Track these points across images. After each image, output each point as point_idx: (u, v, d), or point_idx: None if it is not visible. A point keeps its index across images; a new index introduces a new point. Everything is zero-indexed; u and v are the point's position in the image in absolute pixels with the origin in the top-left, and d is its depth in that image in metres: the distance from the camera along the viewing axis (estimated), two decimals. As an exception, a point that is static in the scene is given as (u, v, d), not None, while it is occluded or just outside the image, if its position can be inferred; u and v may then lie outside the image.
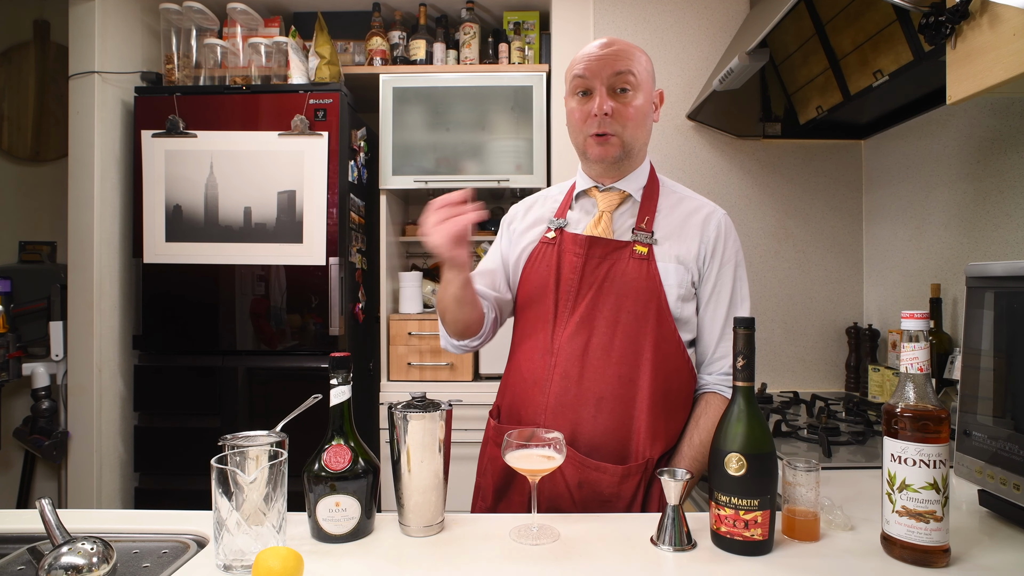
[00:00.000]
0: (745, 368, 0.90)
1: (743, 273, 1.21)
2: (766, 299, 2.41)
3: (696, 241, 1.18)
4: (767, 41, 1.84)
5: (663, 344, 1.13)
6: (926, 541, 0.83)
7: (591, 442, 1.12)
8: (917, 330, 0.85)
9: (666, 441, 1.13)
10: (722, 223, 1.20)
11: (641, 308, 1.13)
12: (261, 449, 0.92)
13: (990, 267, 1.03)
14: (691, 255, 1.16)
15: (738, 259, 1.21)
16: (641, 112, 1.16)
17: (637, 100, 1.15)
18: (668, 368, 1.13)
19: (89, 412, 2.36)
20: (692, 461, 1.13)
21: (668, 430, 1.14)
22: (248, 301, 2.35)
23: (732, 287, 1.18)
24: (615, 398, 1.11)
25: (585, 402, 1.12)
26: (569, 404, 1.12)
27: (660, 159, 2.43)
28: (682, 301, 1.15)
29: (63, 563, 0.78)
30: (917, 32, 1.30)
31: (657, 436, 1.12)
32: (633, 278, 1.14)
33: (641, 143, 1.20)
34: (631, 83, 1.14)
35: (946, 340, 1.77)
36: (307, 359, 2.35)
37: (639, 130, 1.18)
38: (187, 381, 2.35)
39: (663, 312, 1.13)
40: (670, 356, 1.14)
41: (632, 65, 1.14)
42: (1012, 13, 0.99)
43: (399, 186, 2.54)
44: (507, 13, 2.71)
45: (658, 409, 1.12)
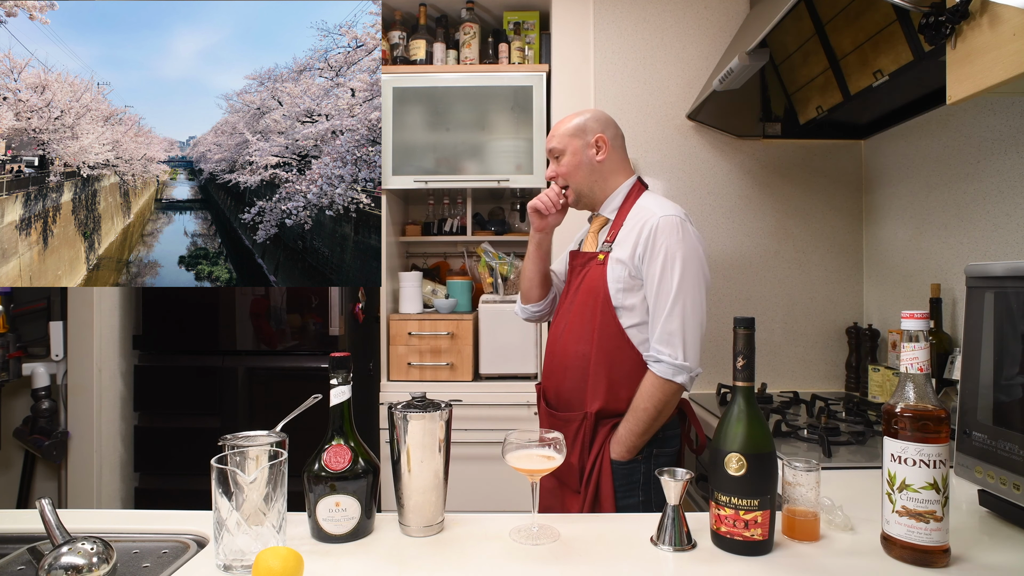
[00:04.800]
0: (745, 368, 0.90)
1: (674, 264, 1.37)
2: (766, 299, 2.41)
3: (633, 242, 1.41)
4: (767, 41, 1.84)
5: (605, 327, 1.43)
6: (926, 541, 0.83)
7: (562, 398, 1.50)
8: (917, 330, 0.85)
9: (605, 401, 1.42)
10: (656, 225, 1.39)
11: (592, 300, 1.45)
12: (261, 449, 0.92)
13: (990, 267, 1.03)
14: (627, 254, 1.41)
15: (668, 253, 1.37)
16: (571, 167, 1.50)
17: (565, 160, 1.51)
18: (610, 347, 1.42)
19: (89, 412, 2.36)
20: (625, 422, 1.40)
21: (609, 393, 1.42)
22: (248, 301, 2.35)
23: (660, 276, 1.37)
24: (575, 368, 1.46)
25: (559, 370, 1.50)
26: (553, 372, 1.53)
27: (660, 159, 2.43)
28: (623, 292, 1.41)
29: (63, 563, 0.78)
30: (917, 32, 1.30)
31: (597, 396, 1.43)
32: (592, 278, 1.46)
33: (589, 185, 1.52)
34: (557, 151, 1.52)
35: (946, 340, 1.77)
36: (307, 359, 2.35)
37: (578, 178, 1.51)
38: (187, 381, 2.34)
39: (607, 303, 1.43)
40: (611, 336, 1.42)
41: (556, 138, 1.52)
42: (1012, 13, 0.99)
43: (399, 186, 2.54)
44: (507, 13, 2.71)
45: (600, 377, 1.42)
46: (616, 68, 2.43)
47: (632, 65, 2.42)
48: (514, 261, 2.66)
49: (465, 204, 2.81)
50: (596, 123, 1.51)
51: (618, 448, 1.40)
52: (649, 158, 2.43)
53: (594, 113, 1.53)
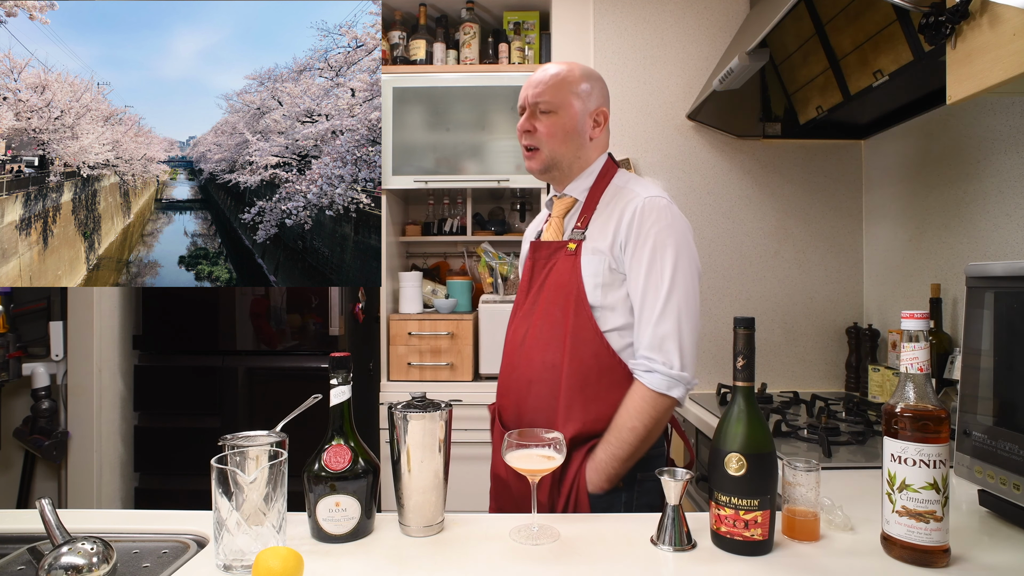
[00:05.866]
0: (745, 368, 0.90)
1: (665, 254, 1.16)
2: (766, 299, 2.41)
3: (613, 229, 1.21)
4: (767, 41, 1.84)
5: (580, 332, 1.19)
6: (926, 541, 0.83)
7: (526, 420, 1.24)
8: (917, 330, 0.85)
9: (583, 423, 1.18)
10: (640, 207, 1.19)
11: (563, 299, 1.21)
12: (261, 449, 0.92)
13: (990, 267, 1.03)
14: (606, 243, 1.20)
15: (657, 240, 1.17)
16: (557, 129, 1.25)
17: (553, 119, 1.25)
18: (585, 354, 1.19)
19: (89, 412, 2.36)
20: (607, 444, 1.16)
21: (586, 412, 1.18)
22: (248, 301, 2.35)
23: (648, 268, 1.16)
24: (542, 382, 1.21)
25: (520, 385, 1.24)
26: (511, 388, 1.27)
27: (660, 159, 2.43)
28: (602, 289, 1.19)
29: (63, 563, 0.78)
30: (917, 32, 1.30)
31: (572, 417, 1.18)
32: (561, 273, 1.23)
33: (570, 157, 1.28)
34: (546, 104, 1.24)
35: (946, 340, 1.77)
36: (307, 359, 2.35)
37: (562, 145, 1.26)
38: (187, 381, 2.34)
39: (581, 302, 1.20)
40: (587, 342, 1.19)
41: (549, 89, 1.24)
42: (1012, 13, 0.99)
43: (399, 186, 2.54)
44: (507, 13, 2.71)
45: (575, 392, 1.18)
46: (616, 68, 2.43)
47: (632, 65, 2.42)
48: (514, 261, 2.66)
49: (465, 204, 2.81)
50: (601, 93, 1.30)
51: (597, 477, 1.15)
52: (649, 158, 2.43)
53: (597, 77, 1.31)
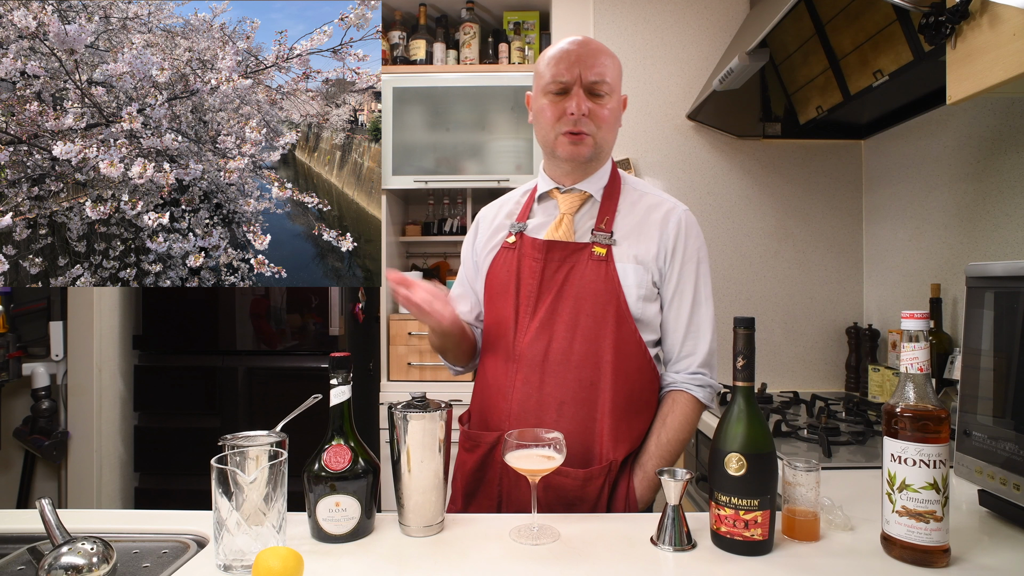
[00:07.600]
0: (745, 368, 0.90)
1: (706, 270, 1.19)
2: (766, 299, 2.41)
3: (655, 240, 1.16)
4: (767, 41, 1.84)
5: (624, 346, 1.12)
6: (926, 541, 0.83)
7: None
8: (917, 330, 0.85)
9: (630, 442, 1.13)
10: (682, 220, 1.18)
11: (600, 310, 1.11)
12: (261, 449, 0.92)
13: (990, 267, 1.03)
14: (650, 255, 1.15)
15: (700, 256, 1.18)
16: (614, 115, 1.17)
17: (611, 103, 1.15)
18: (630, 369, 1.12)
19: (89, 412, 2.36)
20: (660, 460, 1.13)
21: (631, 431, 1.13)
22: (248, 301, 2.35)
23: (695, 285, 1.17)
24: (576, 402, 1.11)
25: (547, 407, 1.11)
26: (531, 410, 1.12)
27: (660, 159, 2.43)
28: (644, 301, 1.14)
29: (63, 563, 0.78)
30: (917, 32, 1.30)
31: (620, 438, 1.11)
32: (591, 280, 1.13)
33: (611, 146, 1.21)
34: (607, 86, 1.14)
35: (946, 340, 1.77)
36: (307, 359, 2.35)
37: (611, 133, 1.18)
38: (187, 381, 2.35)
39: (623, 314, 1.12)
40: (631, 357, 1.13)
41: (608, 69, 1.14)
42: (1012, 13, 0.99)
43: (399, 186, 2.54)
44: (507, 13, 2.71)
45: (620, 411, 1.11)
46: (616, 68, 2.43)
47: (632, 65, 2.42)
48: (514, 261, 2.66)
49: (465, 204, 2.81)
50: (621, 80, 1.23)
51: (650, 494, 1.13)
52: (649, 158, 2.43)
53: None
